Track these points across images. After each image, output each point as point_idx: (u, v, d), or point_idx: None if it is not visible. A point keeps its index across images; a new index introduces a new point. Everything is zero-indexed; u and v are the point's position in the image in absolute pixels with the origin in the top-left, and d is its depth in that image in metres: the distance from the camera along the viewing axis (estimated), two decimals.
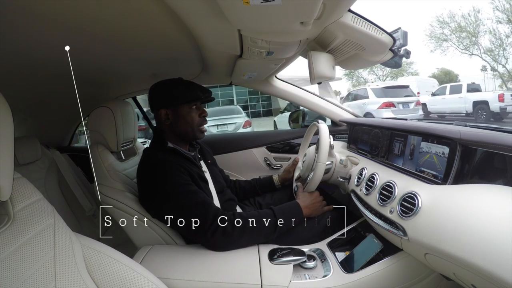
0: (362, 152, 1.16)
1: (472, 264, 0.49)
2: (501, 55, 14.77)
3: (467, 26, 15.38)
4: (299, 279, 0.74)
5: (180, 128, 0.95)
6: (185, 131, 0.95)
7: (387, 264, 0.75)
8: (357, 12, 0.74)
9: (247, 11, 0.54)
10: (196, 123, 0.96)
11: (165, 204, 0.84)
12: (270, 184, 1.26)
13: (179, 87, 0.93)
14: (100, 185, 0.94)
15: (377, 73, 21.11)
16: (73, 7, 0.54)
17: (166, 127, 0.95)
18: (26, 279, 0.40)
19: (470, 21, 15.27)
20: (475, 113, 8.05)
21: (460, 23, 15.54)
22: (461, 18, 15.46)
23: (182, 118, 0.94)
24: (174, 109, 0.93)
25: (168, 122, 0.94)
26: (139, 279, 0.54)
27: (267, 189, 1.26)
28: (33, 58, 0.80)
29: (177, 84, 0.94)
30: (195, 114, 0.96)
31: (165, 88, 0.94)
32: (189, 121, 0.94)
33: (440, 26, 16.29)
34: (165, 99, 0.93)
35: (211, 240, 0.80)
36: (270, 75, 1.47)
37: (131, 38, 0.76)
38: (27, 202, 0.47)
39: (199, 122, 0.97)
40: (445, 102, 9.11)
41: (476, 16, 15.05)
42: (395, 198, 0.75)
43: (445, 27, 16.15)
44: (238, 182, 1.28)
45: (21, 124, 1.46)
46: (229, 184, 1.23)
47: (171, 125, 0.95)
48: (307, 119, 1.80)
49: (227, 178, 1.24)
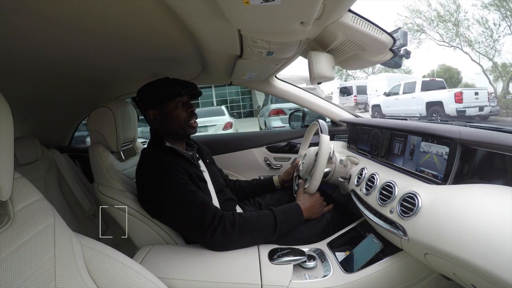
0: (362, 152, 1.16)
1: (472, 264, 0.49)
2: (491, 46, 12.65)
3: (446, 15, 13.35)
4: (299, 279, 0.74)
5: (169, 126, 0.94)
6: (174, 128, 0.94)
7: (387, 264, 0.75)
8: (357, 12, 0.74)
9: (247, 11, 0.54)
10: (183, 119, 0.94)
11: (163, 204, 0.84)
12: (270, 185, 1.26)
13: (159, 86, 0.93)
14: (100, 185, 0.94)
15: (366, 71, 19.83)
16: (73, 7, 0.54)
17: (157, 127, 0.96)
18: (26, 279, 0.40)
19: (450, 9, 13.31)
20: (428, 116, 6.86)
21: (439, 12, 13.57)
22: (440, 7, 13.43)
23: (169, 116, 0.93)
24: (160, 108, 0.93)
25: (157, 122, 0.94)
26: (139, 279, 0.54)
27: (267, 190, 1.26)
28: (33, 58, 0.80)
29: (158, 83, 0.94)
30: (181, 110, 0.94)
31: (148, 89, 0.94)
32: (176, 118, 0.93)
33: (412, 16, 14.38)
34: (149, 99, 0.93)
35: (210, 240, 0.80)
36: (270, 75, 1.47)
37: (131, 38, 0.76)
38: (27, 202, 0.47)
39: (187, 118, 0.95)
40: (398, 103, 7.93)
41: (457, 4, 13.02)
42: (395, 198, 0.75)
43: (419, 17, 14.22)
44: (238, 182, 1.28)
45: (21, 124, 1.46)
46: (229, 183, 1.23)
47: (160, 125, 0.95)
48: (307, 119, 1.80)
49: (226, 178, 1.24)
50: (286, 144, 1.68)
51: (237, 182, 1.28)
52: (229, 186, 1.21)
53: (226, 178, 1.23)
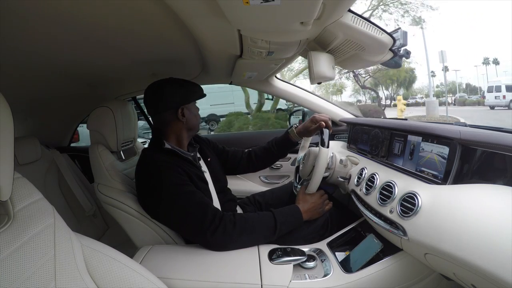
0: (362, 152, 1.16)
1: (472, 264, 0.49)
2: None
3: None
4: (299, 279, 0.74)
5: (192, 123, 0.97)
6: (195, 125, 0.99)
7: (387, 264, 0.75)
8: (357, 12, 0.74)
9: (247, 11, 0.54)
10: (199, 117, 1.02)
11: (162, 205, 0.84)
12: (287, 142, 1.18)
13: (190, 85, 0.97)
14: (100, 185, 0.94)
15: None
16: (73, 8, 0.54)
17: (182, 124, 0.95)
18: (26, 279, 0.40)
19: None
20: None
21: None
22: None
23: (193, 114, 0.98)
24: (188, 105, 0.96)
25: (185, 119, 0.94)
26: (139, 279, 0.54)
27: (286, 148, 1.20)
28: (33, 58, 0.80)
29: (182, 82, 0.95)
30: (196, 109, 1.01)
31: (176, 87, 0.93)
32: (197, 115, 1.01)
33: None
34: (182, 97, 0.93)
35: (210, 240, 0.80)
36: (270, 75, 1.47)
37: (131, 38, 0.76)
38: (27, 202, 0.47)
39: (199, 117, 1.03)
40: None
41: None
42: (395, 198, 0.75)
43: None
44: (254, 152, 1.22)
45: (21, 124, 1.46)
46: (241, 156, 1.21)
47: (186, 122, 0.95)
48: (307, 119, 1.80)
49: (238, 153, 1.21)
50: None
51: (252, 152, 1.22)
52: (243, 159, 1.20)
53: (237, 153, 1.21)
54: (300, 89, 1.63)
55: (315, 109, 1.61)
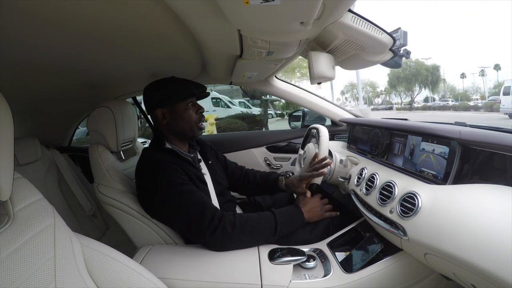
0: (362, 152, 1.16)
1: (472, 264, 0.49)
2: None
3: None
4: (299, 279, 0.74)
5: (178, 126, 0.93)
6: (183, 129, 0.94)
7: (387, 264, 0.75)
8: (357, 12, 0.74)
9: (247, 11, 0.54)
10: (194, 120, 0.94)
11: (161, 205, 0.84)
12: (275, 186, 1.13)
13: (173, 85, 0.92)
14: (100, 185, 0.94)
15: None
16: (73, 9, 0.54)
17: (164, 127, 0.94)
18: (26, 279, 0.40)
19: None
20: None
21: None
22: None
23: (179, 116, 0.93)
24: (171, 108, 0.92)
25: (165, 122, 0.93)
26: (139, 279, 0.54)
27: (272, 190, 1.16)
28: (34, 59, 0.80)
29: (171, 82, 0.93)
30: (192, 111, 0.94)
31: (160, 87, 0.93)
32: (187, 118, 0.93)
33: None
34: (161, 98, 0.92)
35: (210, 240, 0.80)
36: (270, 75, 1.47)
37: (131, 38, 0.76)
38: (27, 202, 0.47)
39: (197, 119, 0.95)
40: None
41: None
42: (395, 198, 0.75)
43: None
44: (253, 175, 1.18)
45: (21, 124, 1.46)
46: (240, 175, 1.18)
47: (169, 125, 0.93)
48: (307, 119, 1.80)
49: (237, 169, 1.19)
50: (286, 144, 1.68)
51: (250, 175, 1.18)
52: (240, 178, 1.17)
53: (235, 172, 1.18)
54: (300, 89, 1.63)
55: (315, 109, 1.61)
